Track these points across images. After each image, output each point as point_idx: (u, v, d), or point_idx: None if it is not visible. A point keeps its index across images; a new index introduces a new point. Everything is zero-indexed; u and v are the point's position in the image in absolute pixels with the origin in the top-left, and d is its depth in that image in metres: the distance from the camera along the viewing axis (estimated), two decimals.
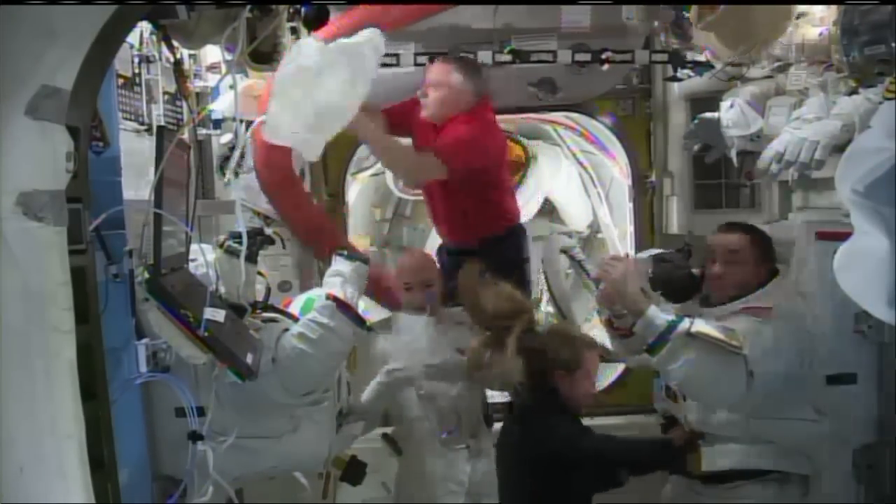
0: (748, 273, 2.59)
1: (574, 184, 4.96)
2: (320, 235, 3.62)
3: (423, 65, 3.58)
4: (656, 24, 3.51)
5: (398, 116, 3.45)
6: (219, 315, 2.03)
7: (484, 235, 3.47)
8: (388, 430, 3.28)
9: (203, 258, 2.43)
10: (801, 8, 2.83)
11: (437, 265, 3.36)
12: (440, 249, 3.74)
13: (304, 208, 3.62)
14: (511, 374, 2.54)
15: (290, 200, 3.54)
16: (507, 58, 3.56)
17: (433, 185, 3.45)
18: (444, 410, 3.13)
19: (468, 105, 3.28)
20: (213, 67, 3.27)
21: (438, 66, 3.30)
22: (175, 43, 2.02)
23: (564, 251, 4.80)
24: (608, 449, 2.57)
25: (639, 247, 4.31)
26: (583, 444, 2.52)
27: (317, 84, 2.10)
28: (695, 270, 2.84)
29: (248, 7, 1.91)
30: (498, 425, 3.38)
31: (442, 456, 3.10)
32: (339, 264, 2.71)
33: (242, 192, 3.39)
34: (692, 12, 3.06)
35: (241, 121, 2.52)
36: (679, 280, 2.80)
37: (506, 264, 3.42)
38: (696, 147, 3.52)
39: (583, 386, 2.64)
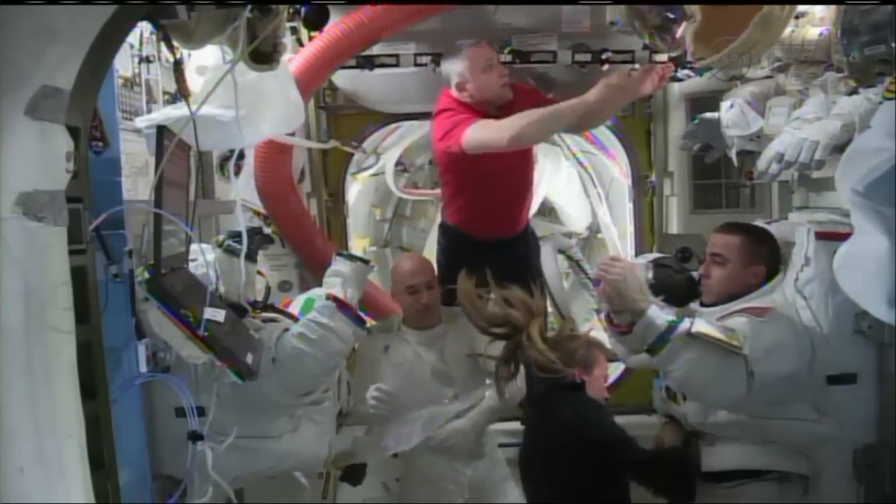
0: (733, 274, 2.58)
1: (574, 184, 4.95)
2: (309, 242, 3.67)
3: (423, 65, 3.58)
4: (637, 25, 3.44)
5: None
6: (219, 315, 2.03)
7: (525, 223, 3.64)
8: None
9: (203, 258, 2.43)
10: (801, 8, 2.82)
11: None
12: (460, 244, 3.48)
13: (299, 219, 3.66)
14: (551, 365, 2.42)
15: (284, 208, 3.58)
16: (507, 58, 3.57)
17: (517, 174, 3.45)
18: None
19: None
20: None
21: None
22: (175, 43, 2.02)
23: (563, 251, 4.80)
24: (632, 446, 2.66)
25: (639, 247, 4.31)
26: (616, 430, 2.64)
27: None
28: (694, 273, 2.84)
29: (249, 7, 1.91)
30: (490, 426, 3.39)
31: (442, 457, 3.10)
32: (340, 265, 2.71)
33: (242, 191, 3.40)
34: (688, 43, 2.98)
35: None
36: (679, 285, 2.80)
37: (535, 254, 3.61)
38: (695, 147, 3.52)
39: (596, 387, 2.66)
